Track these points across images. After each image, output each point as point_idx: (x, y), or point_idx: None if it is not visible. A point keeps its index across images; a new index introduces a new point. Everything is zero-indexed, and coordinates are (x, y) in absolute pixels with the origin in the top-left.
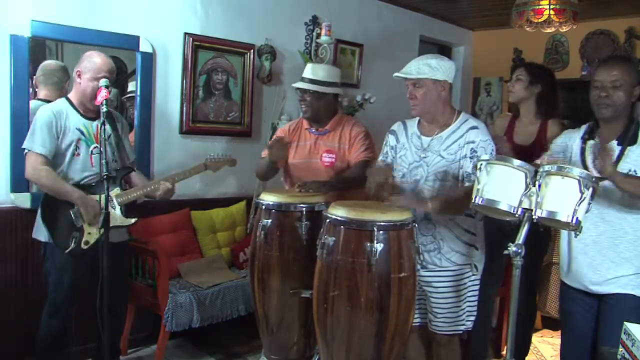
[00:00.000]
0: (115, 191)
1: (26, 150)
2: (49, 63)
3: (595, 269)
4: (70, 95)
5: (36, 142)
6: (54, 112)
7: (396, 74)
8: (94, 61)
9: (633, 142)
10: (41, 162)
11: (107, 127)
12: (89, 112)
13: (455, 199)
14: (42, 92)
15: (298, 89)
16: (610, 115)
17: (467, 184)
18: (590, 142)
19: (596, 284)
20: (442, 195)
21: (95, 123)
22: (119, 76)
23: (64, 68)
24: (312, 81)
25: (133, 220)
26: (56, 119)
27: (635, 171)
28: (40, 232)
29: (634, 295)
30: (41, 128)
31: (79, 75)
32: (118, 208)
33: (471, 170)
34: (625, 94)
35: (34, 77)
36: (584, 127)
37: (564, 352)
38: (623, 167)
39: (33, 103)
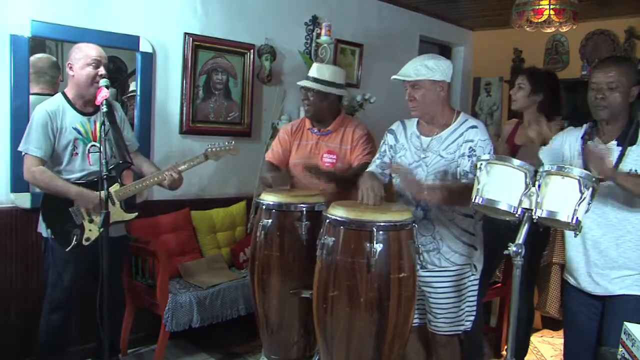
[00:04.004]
0: (114, 187)
1: (23, 153)
2: (39, 59)
3: (599, 270)
4: (67, 90)
5: (31, 145)
6: (49, 113)
7: (394, 76)
8: (82, 50)
9: (633, 142)
10: (36, 164)
11: (106, 123)
12: (86, 106)
13: (453, 191)
14: (35, 88)
15: (302, 87)
16: (606, 116)
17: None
18: (590, 143)
19: (600, 285)
20: (441, 186)
21: (92, 118)
22: (119, 76)
23: (55, 63)
24: (316, 80)
25: (133, 215)
26: (51, 120)
27: (636, 171)
28: (43, 227)
29: (639, 296)
30: (36, 130)
31: (71, 68)
32: (118, 203)
33: (469, 168)
34: (621, 95)
35: None
36: (584, 127)
37: (567, 351)
38: (624, 167)
39: (31, 98)
